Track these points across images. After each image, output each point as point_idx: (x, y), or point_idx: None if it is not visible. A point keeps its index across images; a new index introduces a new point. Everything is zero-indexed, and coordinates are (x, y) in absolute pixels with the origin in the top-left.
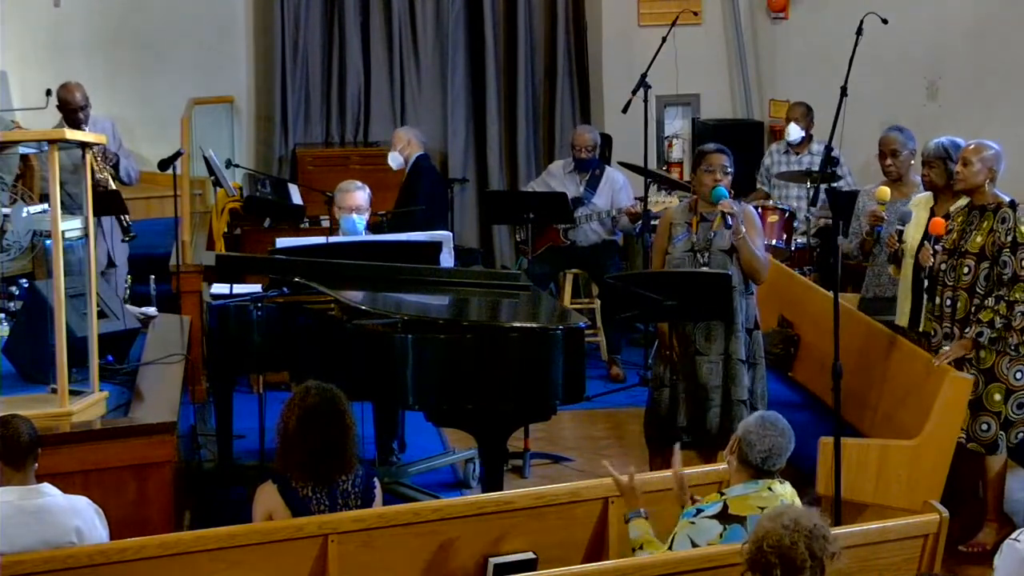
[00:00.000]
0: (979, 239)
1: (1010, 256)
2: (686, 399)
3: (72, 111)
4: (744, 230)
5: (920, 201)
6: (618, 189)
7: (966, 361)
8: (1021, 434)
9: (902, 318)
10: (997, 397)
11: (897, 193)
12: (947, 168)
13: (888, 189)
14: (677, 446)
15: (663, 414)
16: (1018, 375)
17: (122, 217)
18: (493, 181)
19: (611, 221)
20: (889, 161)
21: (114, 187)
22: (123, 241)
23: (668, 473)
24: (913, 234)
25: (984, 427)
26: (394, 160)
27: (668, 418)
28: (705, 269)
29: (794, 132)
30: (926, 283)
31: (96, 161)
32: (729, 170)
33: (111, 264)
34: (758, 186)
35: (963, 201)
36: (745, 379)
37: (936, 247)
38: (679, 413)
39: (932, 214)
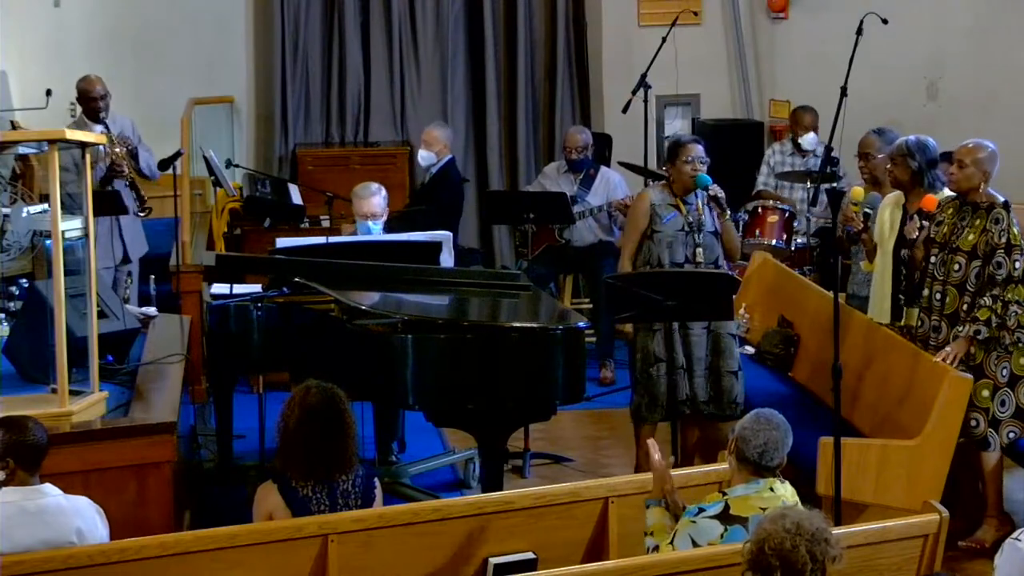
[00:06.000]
0: (971, 237)
1: (1004, 257)
2: (672, 373)
3: (92, 100)
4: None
5: (890, 200)
6: (613, 188)
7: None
8: (1012, 433)
9: (883, 315)
10: (985, 393)
11: (879, 194)
12: (909, 165)
13: (861, 190)
14: (651, 441)
15: (660, 390)
16: (1004, 372)
17: (140, 193)
18: (493, 181)
19: (608, 217)
20: (862, 163)
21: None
22: (137, 215)
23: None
24: (888, 233)
25: (973, 423)
26: (426, 159)
27: (665, 393)
28: (701, 268)
29: (813, 142)
30: (904, 271)
31: (113, 146)
32: (705, 160)
33: (126, 259)
34: (760, 186)
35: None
36: (736, 351)
37: (923, 223)
38: (665, 388)
39: (905, 211)
